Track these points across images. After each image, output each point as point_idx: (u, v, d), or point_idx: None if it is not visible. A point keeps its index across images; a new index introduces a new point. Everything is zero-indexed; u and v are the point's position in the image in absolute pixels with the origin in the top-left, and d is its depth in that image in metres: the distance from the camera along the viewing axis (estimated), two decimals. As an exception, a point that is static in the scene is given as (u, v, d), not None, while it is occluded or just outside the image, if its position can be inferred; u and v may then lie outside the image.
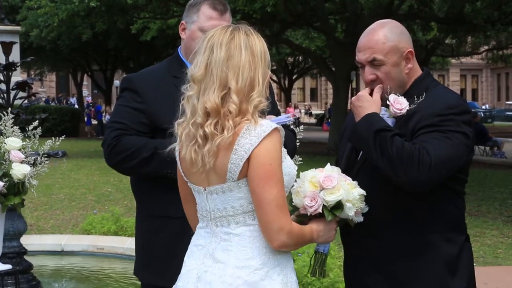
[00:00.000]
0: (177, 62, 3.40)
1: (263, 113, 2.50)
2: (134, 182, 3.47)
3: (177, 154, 2.60)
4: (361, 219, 2.68)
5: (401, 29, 2.87)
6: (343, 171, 2.74)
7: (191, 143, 2.47)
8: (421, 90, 2.81)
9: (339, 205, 2.60)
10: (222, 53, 2.44)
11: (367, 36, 2.84)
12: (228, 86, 2.42)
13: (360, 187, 2.66)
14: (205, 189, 2.51)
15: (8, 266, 4.58)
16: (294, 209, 2.68)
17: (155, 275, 3.29)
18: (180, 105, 2.54)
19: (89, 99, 56.88)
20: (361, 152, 2.87)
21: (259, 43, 2.50)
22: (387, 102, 2.79)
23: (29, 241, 7.30)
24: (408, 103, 2.77)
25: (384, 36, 2.80)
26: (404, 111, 2.75)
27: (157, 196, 3.26)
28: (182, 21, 3.42)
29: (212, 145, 2.42)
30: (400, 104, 2.76)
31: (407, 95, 2.82)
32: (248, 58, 2.45)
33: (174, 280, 2.76)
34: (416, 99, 2.77)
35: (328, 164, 2.72)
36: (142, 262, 3.41)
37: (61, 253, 8.15)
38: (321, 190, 2.60)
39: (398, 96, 2.79)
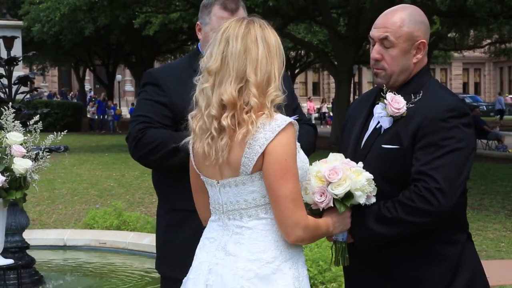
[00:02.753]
0: (198, 57, 3.41)
1: (279, 108, 2.50)
2: (157, 177, 3.47)
3: (190, 147, 2.60)
4: (373, 200, 2.66)
5: (421, 18, 2.83)
6: None
7: (204, 136, 2.47)
8: (419, 86, 2.79)
9: (349, 195, 2.59)
10: (239, 45, 2.44)
11: (386, 15, 2.83)
12: (245, 79, 2.42)
13: None
14: (218, 182, 2.51)
15: (10, 261, 4.57)
16: (305, 205, 2.65)
17: (175, 268, 3.28)
18: (193, 96, 2.54)
19: (92, 93, 56.89)
20: (364, 144, 2.86)
21: (273, 37, 2.50)
22: (385, 101, 2.76)
23: (31, 236, 7.32)
24: (405, 101, 2.74)
25: (401, 19, 2.78)
26: (402, 110, 2.73)
27: (179, 190, 3.25)
28: (197, 22, 3.45)
29: (230, 139, 2.42)
30: (398, 103, 2.73)
31: (404, 91, 2.79)
32: (265, 52, 2.45)
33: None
34: (413, 97, 2.75)
35: (331, 153, 2.70)
36: (163, 256, 3.43)
37: (64, 247, 8.17)
38: (328, 184, 2.59)
39: (395, 94, 2.76)
